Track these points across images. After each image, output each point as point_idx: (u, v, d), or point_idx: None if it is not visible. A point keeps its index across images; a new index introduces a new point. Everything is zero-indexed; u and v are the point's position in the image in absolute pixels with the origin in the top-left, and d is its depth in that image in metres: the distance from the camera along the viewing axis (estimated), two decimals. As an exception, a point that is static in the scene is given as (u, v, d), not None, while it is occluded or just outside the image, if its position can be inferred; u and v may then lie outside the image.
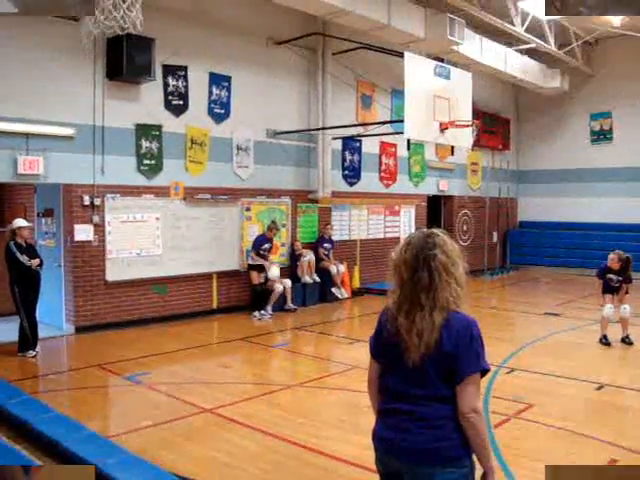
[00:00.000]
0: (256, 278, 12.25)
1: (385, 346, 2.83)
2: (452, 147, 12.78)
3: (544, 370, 8.26)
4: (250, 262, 12.42)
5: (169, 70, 11.52)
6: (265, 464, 5.33)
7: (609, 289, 9.84)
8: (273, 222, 12.74)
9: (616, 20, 16.60)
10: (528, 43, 16.61)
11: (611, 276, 9.77)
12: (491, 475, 2.71)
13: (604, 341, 9.75)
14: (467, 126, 12.19)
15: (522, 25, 15.36)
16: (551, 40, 17.00)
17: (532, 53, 18.14)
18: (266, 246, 12.46)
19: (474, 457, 2.71)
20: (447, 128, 11.59)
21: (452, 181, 18.75)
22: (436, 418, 2.67)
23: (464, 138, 12.57)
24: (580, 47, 18.99)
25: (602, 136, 20.43)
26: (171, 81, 11.58)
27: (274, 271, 12.46)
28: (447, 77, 11.86)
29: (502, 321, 12.50)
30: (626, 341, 9.75)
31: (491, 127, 19.89)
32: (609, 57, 19.81)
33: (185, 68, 11.78)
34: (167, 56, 11.36)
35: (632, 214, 19.39)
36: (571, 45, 18.30)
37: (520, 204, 22.18)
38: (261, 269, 12.34)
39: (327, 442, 5.75)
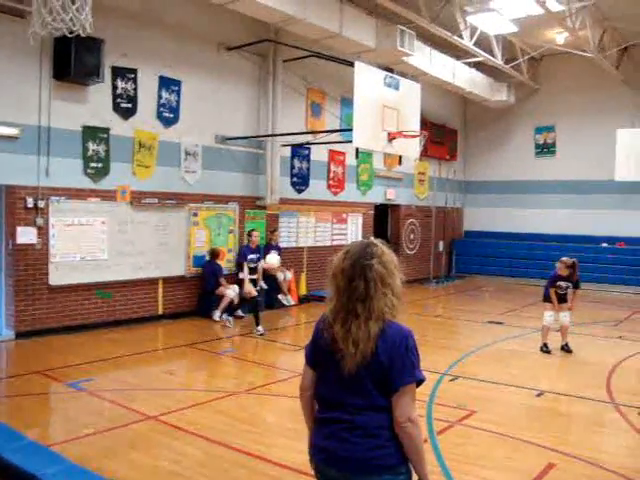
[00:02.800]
0: (252, 290, 11.97)
1: (321, 354, 2.84)
2: (400, 157, 12.94)
3: (487, 377, 8.42)
4: (242, 276, 12.18)
5: (118, 72, 11.38)
6: (210, 472, 5.30)
7: (558, 297, 10.07)
8: (252, 230, 12.92)
9: (560, 38, 17.05)
10: (476, 57, 16.92)
11: (560, 283, 10.01)
12: None
13: (545, 349, 9.99)
14: (415, 136, 12.34)
15: (471, 39, 15.65)
16: (498, 54, 17.37)
17: (480, 66, 18.52)
18: (252, 257, 12.53)
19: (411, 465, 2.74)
20: (395, 138, 11.72)
21: (399, 190, 18.96)
22: (372, 427, 2.68)
23: (412, 148, 12.72)
24: (526, 62, 19.46)
25: (546, 149, 20.97)
26: (120, 84, 11.43)
27: (272, 258, 12.55)
28: (396, 88, 11.99)
29: (447, 329, 12.68)
30: (565, 349, 10.01)
31: (439, 138, 20.20)
32: (553, 73, 20.38)
33: (135, 71, 11.65)
34: (116, 58, 11.23)
35: (573, 225, 19.95)
36: (517, 60, 18.74)
37: (466, 214, 22.58)
38: (253, 281, 12.37)
39: (273, 449, 5.74)
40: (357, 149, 11.79)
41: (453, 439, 6.11)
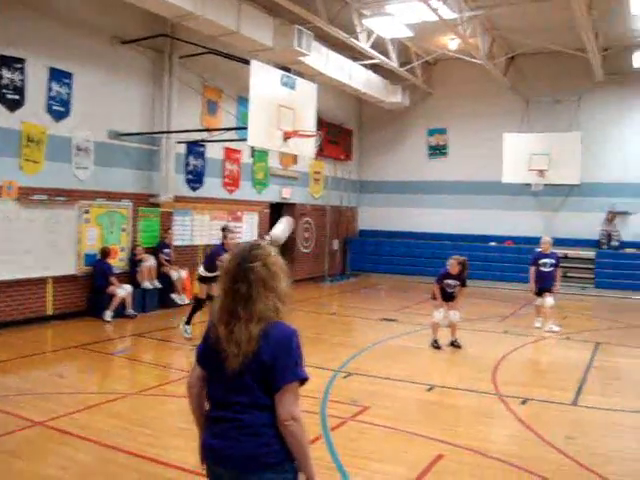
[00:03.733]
0: (204, 291, 10.66)
1: (209, 353, 2.87)
2: (295, 156, 13.01)
3: (380, 374, 8.60)
4: (203, 274, 10.65)
5: (4, 61, 10.86)
6: (101, 477, 5.17)
7: (446, 295, 10.41)
8: (225, 227, 11.54)
9: (453, 44, 17.64)
10: (372, 59, 17.25)
11: (449, 281, 10.35)
12: None
13: (435, 345, 10.31)
14: (311, 136, 12.47)
15: (367, 41, 15.94)
16: (394, 58, 17.78)
17: (376, 69, 18.89)
18: (225, 256, 11.71)
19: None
20: (291, 137, 11.80)
21: (295, 189, 19.07)
22: (257, 425, 2.73)
23: (307, 147, 12.84)
24: (420, 66, 20.03)
25: (438, 151, 21.62)
26: (6, 73, 10.92)
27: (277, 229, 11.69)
28: (293, 87, 12.07)
29: (341, 327, 12.86)
30: (454, 344, 10.37)
31: (334, 137, 20.46)
32: (446, 77, 21.07)
33: (22, 61, 11.16)
34: (2, 47, 10.74)
35: (464, 225, 20.69)
36: (412, 64, 19.25)
37: (360, 213, 22.97)
38: (211, 281, 10.65)
39: (167, 451, 5.66)
40: (253, 148, 11.79)
41: (347, 435, 6.22)
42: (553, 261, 12.32)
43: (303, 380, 2.79)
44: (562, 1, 13.14)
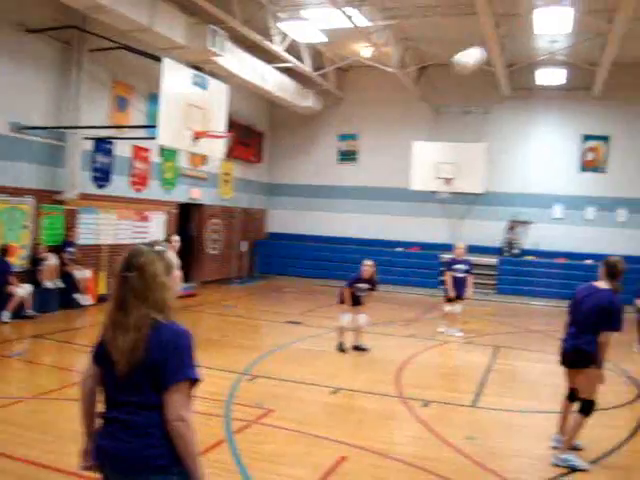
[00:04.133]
0: None
1: (103, 352, 2.85)
2: (205, 156, 12.89)
3: (285, 376, 8.61)
4: None
5: None
6: (-6, 486, 4.95)
7: (355, 300, 10.50)
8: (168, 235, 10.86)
9: (366, 52, 17.89)
10: (286, 62, 17.29)
11: (361, 285, 10.45)
12: None
13: (341, 348, 10.40)
14: (221, 137, 12.38)
15: (281, 45, 15.96)
16: (307, 62, 17.89)
17: (289, 72, 18.92)
18: (459, 267, 12.05)
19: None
20: (201, 137, 11.69)
21: (204, 190, 18.86)
22: (146, 426, 2.71)
23: (217, 148, 12.75)
24: (333, 72, 20.23)
25: (348, 156, 21.86)
26: None
27: None
28: (204, 87, 11.96)
29: (247, 329, 12.80)
30: (360, 348, 10.48)
31: (245, 139, 20.37)
32: (358, 84, 21.34)
33: None
34: None
35: (372, 229, 21.00)
36: (325, 69, 19.41)
37: (270, 216, 22.94)
38: None
39: (65, 457, 5.36)
40: (162, 146, 11.60)
41: (251, 438, 6.18)
42: (466, 267, 12.49)
43: (194, 381, 2.78)
44: (471, 16, 13.54)
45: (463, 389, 8.63)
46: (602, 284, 6.10)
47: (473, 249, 18.89)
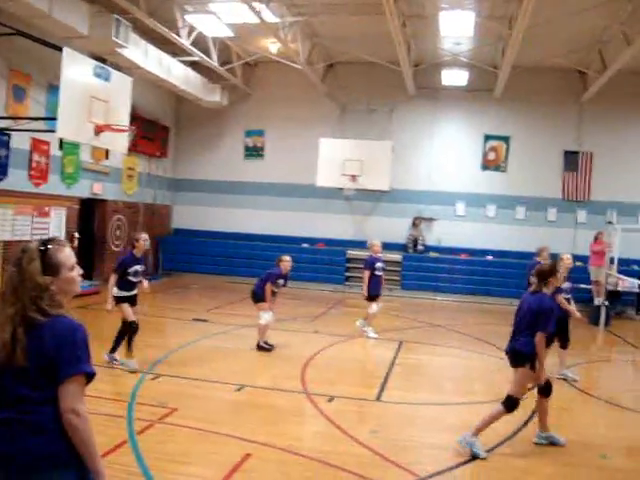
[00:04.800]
0: (130, 313, 8.95)
1: None
2: (107, 150, 12.56)
3: (190, 375, 8.49)
4: (117, 293, 8.87)
5: None
6: None
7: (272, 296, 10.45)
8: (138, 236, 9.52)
9: (273, 47, 17.84)
10: (192, 56, 17.03)
11: (280, 281, 10.43)
12: (99, 478, 2.76)
13: (267, 346, 10.38)
14: (123, 130, 12.10)
15: (188, 38, 15.71)
16: (214, 56, 17.68)
17: (196, 66, 18.66)
18: (136, 268, 9.10)
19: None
20: (103, 130, 11.37)
21: (107, 185, 18.32)
22: (41, 422, 2.69)
23: (120, 142, 12.46)
24: (241, 67, 20.08)
25: (255, 152, 21.75)
26: None
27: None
28: (107, 79, 11.66)
29: (152, 327, 12.50)
30: (268, 345, 10.44)
31: (150, 133, 19.93)
32: (266, 80, 21.25)
33: None
34: None
35: (279, 226, 20.96)
36: (232, 64, 19.24)
37: (175, 212, 22.55)
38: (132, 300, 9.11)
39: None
40: (61, 140, 11.21)
41: (154, 438, 6.07)
42: (384, 265, 12.49)
43: (88, 375, 2.79)
44: (379, 15, 13.71)
45: (367, 384, 8.75)
46: (536, 287, 6.44)
47: (378, 246, 19.24)
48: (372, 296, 12.17)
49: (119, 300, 8.86)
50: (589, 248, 16.98)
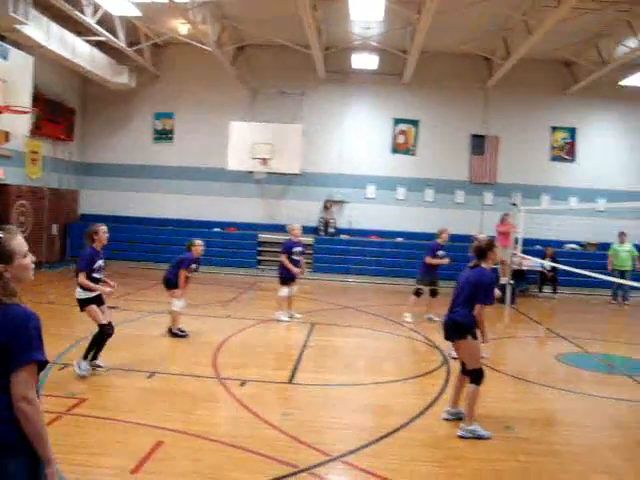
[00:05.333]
0: (100, 315, 8.24)
1: None
2: (7, 132, 12.08)
3: (98, 363, 8.30)
4: (81, 295, 8.16)
5: None
6: None
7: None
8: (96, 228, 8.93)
9: (183, 28, 17.52)
10: (98, 35, 16.51)
11: (194, 266, 10.30)
12: (49, 466, 2.82)
13: (181, 333, 10.30)
14: (24, 112, 11.65)
15: (93, 16, 15.22)
16: (121, 36, 17.20)
17: (102, 46, 18.13)
18: (100, 263, 8.65)
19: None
20: (1, 112, 10.93)
21: (8, 169, 17.59)
22: None
23: (21, 124, 12.00)
24: (149, 48, 19.63)
25: (164, 135, 21.36)
26: None
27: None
28: (5, 57, 11.21)
29: (60, 316, 12.17)
30: (181, 332, 10.34)
31: (55, 115, 19.24)
32: (175, 62, 20.89)
33: None
34: None
35: (190, 210, 20.75)
36: (140, 44, 18.78)
37: (83, 197, 21.90)
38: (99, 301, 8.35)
39: None
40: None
41: (62, 430, 5.92)
42: (302, 249, 12.52)
43: (40, 363, 2.82)
44: (289, -2, 13.68)
45: (280, 367, 8.81)
46: (475, 263, 6.68)
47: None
48: (286, 279, 12.19)
49: (85, 303, 8.07)
50: (495, 229, 17.55)
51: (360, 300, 15.72)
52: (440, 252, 12.65)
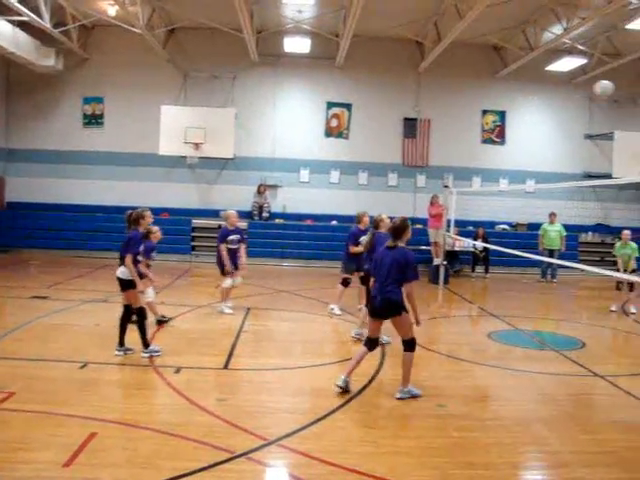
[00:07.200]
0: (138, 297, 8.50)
1: None
2: None
3: (28, 355, 8.10)
4: (124, 275, 8.32)
5: None
6: None
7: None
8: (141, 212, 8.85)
9: (111, 10, 17.09)
10: (21, 16, 15.94)
11: (154, 254, 10.11)
12: None
13: (164, 319, 10.36)
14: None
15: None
16: (46, 17, 16.62)
17: (26, 27, 17.49)
18: (234, 237, 9.38)
19: None
20: None
21: None
22: None
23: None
24: (76, 30, 19.07)
25: (94, 120, 20.87)
26: None
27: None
28: None
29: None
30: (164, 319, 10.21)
31: (-23, 100, 18.58)
32: (104, 44, 20.39)
33: None
34: None
35: (121, 196, 20.25)
36: (67, 26, 18.21)
37: (8, 184, 21.19)
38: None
39: None
40: None
41: (-12, 424, 5.77)
42: (239, 236, 11.72)
43: None
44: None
45: (215, 352, 8.75)
46: (393, 243, 7.04)
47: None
48: (230, 271, 11.55)
49: (129, 285, 8.32)
50: (427, 211, 17.81)
51: (296, 284, 15.77)
52: (363, 238, 11.27)
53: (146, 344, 8.29)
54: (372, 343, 7.16)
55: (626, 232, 13.68)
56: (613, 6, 14.13)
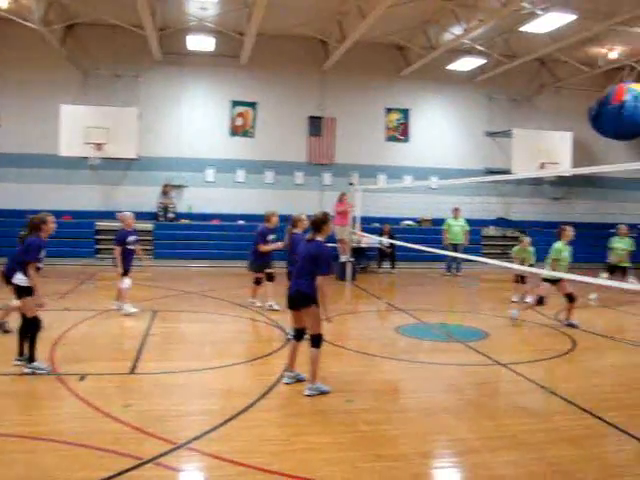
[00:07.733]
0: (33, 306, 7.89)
1: None
2: None
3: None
4: (21, 282, 7.91)
5: None
6: None
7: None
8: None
9: (3, 2, 16.38)
10: None
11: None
12: None
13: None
14: None
15: None
16: None
17: None
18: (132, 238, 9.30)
19: None
20: None
21: None
22: None
23: None
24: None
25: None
26: None
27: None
28: None
29: None
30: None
31: None
32: (-1, 39, 19.49)
33: None
34: None
35: (18, 199, 19.43)
36: (-48, 20, 17.36)
37: None
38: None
39: None
40: None
41: None
42: (137, 237, 11.72)
43: None
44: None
45: (121, 358, 8.53)
46: (312, 236, 7.19)
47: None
48: (127, 270, 11.57)
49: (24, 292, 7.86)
50: (333, 208, 17.97)
51: (204, 285, 15.62)
52: (270, 237, 11.90)
53: (32, 358, 7.76)
54: (298, 333, 7.34)
55: (623, 226, 14.45)
56: (508, 10, 14.68)
